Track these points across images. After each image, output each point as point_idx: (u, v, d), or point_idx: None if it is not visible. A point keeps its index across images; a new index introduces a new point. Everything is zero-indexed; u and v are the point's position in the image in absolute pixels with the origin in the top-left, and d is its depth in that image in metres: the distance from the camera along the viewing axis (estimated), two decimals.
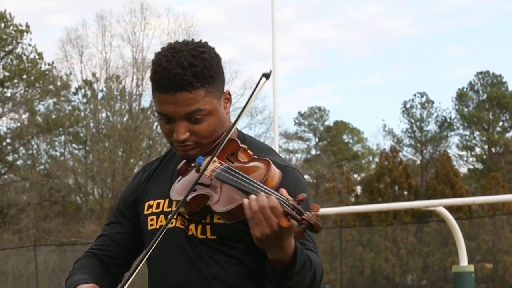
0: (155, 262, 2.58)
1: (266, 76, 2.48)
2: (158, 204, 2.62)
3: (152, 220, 2.61)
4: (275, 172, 2.41)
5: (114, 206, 2.80)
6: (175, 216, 2.50)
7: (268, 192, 2.32)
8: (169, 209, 2.57)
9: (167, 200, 2.60)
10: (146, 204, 2.65)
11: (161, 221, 2.59)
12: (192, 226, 2.53)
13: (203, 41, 2.58)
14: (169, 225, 2.50)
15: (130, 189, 2.76)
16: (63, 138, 35.34)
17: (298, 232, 2.26)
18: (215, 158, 2.49)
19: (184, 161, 2.59)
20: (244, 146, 2.55)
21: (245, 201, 2.32)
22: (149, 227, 2.61)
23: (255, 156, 2.51)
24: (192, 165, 2.55)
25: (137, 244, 2.72)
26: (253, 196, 2.32)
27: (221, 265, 2.52)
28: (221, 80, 2.58)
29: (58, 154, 36.26)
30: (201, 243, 2.52)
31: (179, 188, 2.54)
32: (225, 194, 2.41)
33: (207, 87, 2.52)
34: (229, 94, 2.63)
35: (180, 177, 2.57)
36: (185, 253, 2.53)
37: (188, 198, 2.45)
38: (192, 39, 2.61)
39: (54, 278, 28.35)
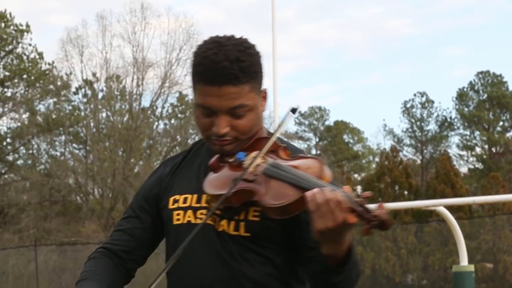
0: (181, 258, 2.48)
1: (293, 111, 2.48)
2: (185, 199, 2.57)
3: (178, 214, 2.56)
4: (328, 170, 2.42)
5: (132, 201, 2.73)
6: (207, 202, 2.49)
7: (332, 187, 2.30)
8: (198, 204, 2.54)
9: (195, 196, 2.56)
10: (171, 199, 2.60)
11: (188, 216, 2.54)
12: (223, 222, 2.50)
13: (244, 37, 2.56)
14: (198, 221, 2.50)
15: (152, 183, 2.71)
16: (63, 138, 35.32)
17: (366, 229, 2.23)
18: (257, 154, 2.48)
19: (216, 157, 2.55)
20: (284, 145, 2.56)
21: (309, 193, 2.29)
22: (175, 222, 2.56)
23: (294, 155, 2.52)
24: (230, 160, 2.52)
25: (155, 240, 2.68)
26: (317, 189, 2.29)
27: (251, 263, 2.48)
28: (263, 77, 2.58)
29: (58, 154, 36.27)
30: (233, 240, 2.48)
31: (214, 183, 2.50)
32: (275, 189, 2.39)
33: (252, 82, 2.51)
34: (265, 92, 2.61)
35: (212, 172, 2.54)
36: (215, 250, 2.49)
37: (231, 194, 2.42)
38: (233, 35, 2.59)
39: (54, 278, 28.34)
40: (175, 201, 2.59)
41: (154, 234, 2.67)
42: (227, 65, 2.47)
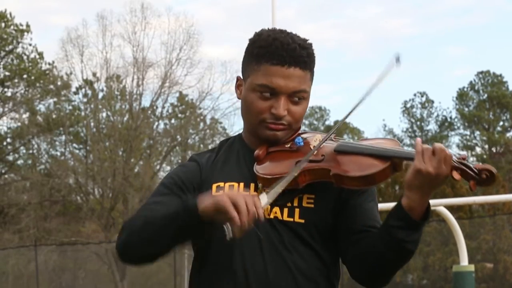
0: (230, 243, 2.43)
1: (398, 59, 2.56)
2: (231, 186, 2.53)
3: None
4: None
5: (161, 184, 2.61)
6: (256, 190, 2.48)
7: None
8: (246, 192, 2.46)
9: (242, 184, 2.52)
10: (215, 185, 2.55)
11: None
12: (276, 209, 2.48)
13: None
14: None
15: (191, 169, 2.62)
16: (63, 137, 35.24)
17: (473, 184, 2.30)
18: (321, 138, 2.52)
19: (263, 147, 2.55)
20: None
21: (418, 139, 2.38)
22: None
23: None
24: (288, 146, 2.53)
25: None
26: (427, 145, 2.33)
27: (301, 255, 2.48)
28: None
29: (58, 153, 36.21)
30: (284, 227, 2.48)
31: (271, 167, 2.49)
32: (355, 162, 2.41)
33: (312, 72, 2.57)
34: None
35: (259, 162, 2.53)
36: (267, 238, 2.47)
37: (300, 171, 2.42)
38: None
39: (54, 278, 28.34)
40: (220, 188, 2.55)
41: None
42: (297, 48, 2.51)
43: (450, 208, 10.01)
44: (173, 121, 35.78)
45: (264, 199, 2.37)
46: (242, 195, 2.31)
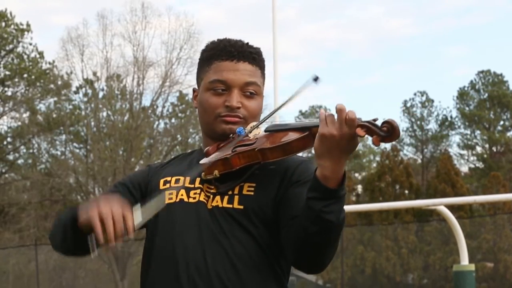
0: (173, 234, 2.55)
1: (315, 79, 2.51)
2: (177, 180, 2.63)
3: (171, 194, 2.59)
4: None
5: (115, 183, 2.77)
6: (201, 182, 2.56)
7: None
8: (192, 185, 2.59)
9: (188, 178, 2.61)
10: (162, 180, 2.66)
11: (181, 195, 2.59)
12: (217, 198, 2.56)
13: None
14: (192, 200, 2.57)
15: (140, 171, 2.78)
16: (64, 137, 35.25)
17: (375, 139, 2.31)
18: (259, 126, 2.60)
19: (214, 145, 2.63)
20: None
21: (321, 110, 2.40)
22: (167, 201, 2.57)
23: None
24: (232, 136, 2.61)
25: None
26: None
27: (240, 241, 2.52)
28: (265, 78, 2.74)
29: (59, 153, 36.19)
30: (224, 214, 2.53)
31: (212, 157, 2.58)
32: (278, 136, 2.50)
33: (262, 70, 2.69)
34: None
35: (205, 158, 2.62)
36: (206, 226, 2.53)
37: (230, 155, 2.51)
38: None
39: (55, 277, 28.32)
40: (166, 182, 2.65)
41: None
42: (245, 45, 2.67)
43: (451, 207, 10.02)
44: (173, 120, 35.76)
45: (138, 217, 2.41)
46: (112, 211, 2.35)
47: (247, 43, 2.68)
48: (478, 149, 45.79)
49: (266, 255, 2.54)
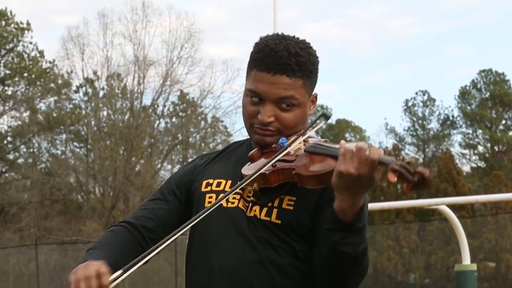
0: (208, 239, 2.55)
1: (326, 117, 2.56)
2: (219, 183, 2.60)
3: (210, 197, 2.58)
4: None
5: (162, 185, 2.76)
6: (242, 188, 2.51)
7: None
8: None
9: (229, 181, 2.59)
10: (204, 182, 2.64)
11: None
12: (256, 208, 2.52)
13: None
14: (231, 205, 2.54)
15: (186, 170, 2.75)
16: (64, 136, 35.27)
17: (406, 187, 2.24)
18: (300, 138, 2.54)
19: (257, 148, 2.59)
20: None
21: (342, 142, 2.37)
22: (207, 204, 2.56)
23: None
24: (274, 145, 2.56)
25: (178, 225, 2.61)
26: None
27: (276, 250, 2.49)
28: (316, 80, 2.63)
29: (59, 152, 36.16)
30: (262, 225, 2.50)
31: (253, 166, 2.54)
32: (317, 161, 2.44)
33: (305, 79, 2.56)
34: (316, 97, 2.66)
35: (250, 162, 2.58)
36: (242, 233, 2.51)
37: (269, 171, 2.47)
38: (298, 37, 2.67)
39: (55, 277, 28.29)
40: (208, 184, 2.62)
41: (178, 219, 2.66)
42: (286, 56, 2.53)
43: (452, 207, 9.96)
44: (174, 119, 35.73)
45: (118, 272, 2.42)
46: (85, 274, 2.38)
47: (290, 52, 2.54)
48: (480, 148, 45.74)
49: (304, 269, 2.51)
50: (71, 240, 30.37)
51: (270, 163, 2.46)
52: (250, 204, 2.52)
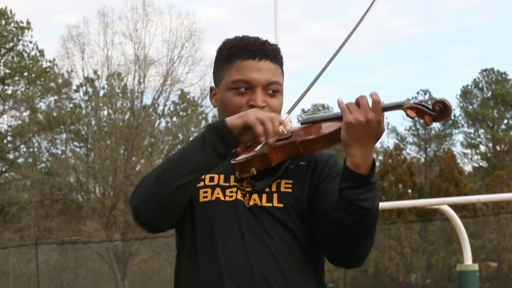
0: (212, 234, 2.53)
1: None
2: (212, 178, 2.58)
3: (205, 192, 2.56)
4: None
5: None
6: (238, 180, 2.54)
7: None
8: (226, 183, 2.56)
9: (222, 175, 2.58)
10: None
11: (217, 193, 2.55)
12: (254, 196, 2.53)
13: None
14: (228, 199, 2.53)
15: None
16: (64, 136, 35.23)
17: (428, 119, 2.33)
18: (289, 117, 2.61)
19: (240, 145, 2.58)
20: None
21: (338, 99, 2.42)
22: (202, 199, 2.55)
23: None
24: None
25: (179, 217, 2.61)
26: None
27: (282, 239, 2.50)
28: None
29: (59, 152, 36.12)
30: (264, 213, 2.51)
31: (244, 154, 2.55)
32: (318, 128, 2.50)
33: (281, 68, 2.67)
34: None
35: (235, 157, 2.59)
36: (247, 226, 2.51)
37: (269, 150, 2.49)
38: None
39: (55, 277, 28.27)
40: (201, 179, 2.58)
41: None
42: (266, 43, 2.63)
43: (454, 207, 9.90)
44: (174, 119, 35.67)
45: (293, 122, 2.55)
46: (269, 115, 2.44)
47: (267, 41, 2.65)
48: (482, 148, 45.71)
49: (307, 251, 2.53)
50: (71, 240, 30.33)
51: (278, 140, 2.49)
52: (248, 194, 2.53)
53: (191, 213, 2.55)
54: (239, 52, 2.60)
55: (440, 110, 2.32)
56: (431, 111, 2.33)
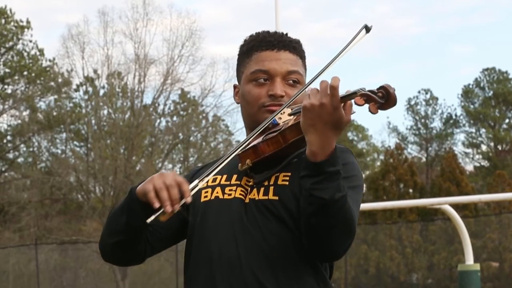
0: (208, 232, 2.54)
1: (367, 29, 2.56)
2: (215, 179, 2.60)
3: (206, 192, 2.59)
4: None
5: None
6: (240, 178, 2.55)
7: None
8: (227, 182, 2.57)
9: (225, 175, 2.58)
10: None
11: (216, 192, 2.57)
12: (254, 191, 2.52)
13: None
14: (227, 197, 2.54)
15: (185, 175, 2.75)
16: (64, 135, 35.26)
17: (372, 106, 2.26)
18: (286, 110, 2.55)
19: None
20: None
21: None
22: (202, 199, 2.58)
23: None
24: (270, 127, 2.56)
25: (180, 227, 2.66)
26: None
27: (274, 233, 2.47)
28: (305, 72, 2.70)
29: (59, 151, 36.15)
30: (260, 207, 2.49)
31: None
32: (299, 117, 2.43)
33: (303, 60, 2.68)
34: None
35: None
36: (239, 221, 2.50)
37: (259, 142, 2.47)
38: None
39: (55, 277, 28.25)
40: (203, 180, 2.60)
41: (179, 221, 2.62)
42: (284, 35, 2.66)
43: (456, 206, 9.85)
44: (175, 118, 35.66)
45: (194, 182, 2.42)
46: (165, 182, 2.35)
47: (286, 34, 2.67)
48: (483, 147, 45.67)
49: (303, 247, 2.47)
50: (71, 240, 30.32)
51: (256, 133, 2.49)
52: (249, 189, 2.53)
53: (194, 217, 2.59)
54: (258, 44, 2.62)
55: (383, 96, 2.25)
56: (378, 98, 2.25)
